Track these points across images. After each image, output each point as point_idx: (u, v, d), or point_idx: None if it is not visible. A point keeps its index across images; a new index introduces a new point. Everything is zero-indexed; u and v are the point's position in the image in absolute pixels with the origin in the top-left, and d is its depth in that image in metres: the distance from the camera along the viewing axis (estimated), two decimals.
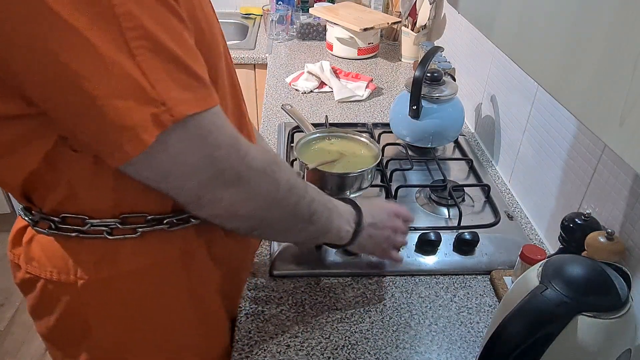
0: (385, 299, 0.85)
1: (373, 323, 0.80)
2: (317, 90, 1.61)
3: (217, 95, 0.53)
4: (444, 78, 1.19)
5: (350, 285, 0.87)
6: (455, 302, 0.85)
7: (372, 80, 1.64)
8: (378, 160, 1.00)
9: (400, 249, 0.88)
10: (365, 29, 1.79)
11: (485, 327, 0.80)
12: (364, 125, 1.38)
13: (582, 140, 0.86)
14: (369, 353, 0.75)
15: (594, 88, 0.38)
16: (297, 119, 1.18)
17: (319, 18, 2.02)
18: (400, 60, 1.90)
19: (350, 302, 0.84)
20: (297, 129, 1.29)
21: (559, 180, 0.93)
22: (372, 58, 1.91)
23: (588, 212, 0.78)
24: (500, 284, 0.86)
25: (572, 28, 0.41)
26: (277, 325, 0.79)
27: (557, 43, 0.43)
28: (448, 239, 0.95)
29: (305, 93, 1.60)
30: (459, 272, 0.91)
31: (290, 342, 0.77)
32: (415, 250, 0.93)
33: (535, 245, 0.84)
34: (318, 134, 1.08)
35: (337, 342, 0.77)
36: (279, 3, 2.08)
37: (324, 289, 0.86)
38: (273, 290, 0.86)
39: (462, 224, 0.99)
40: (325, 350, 0.75)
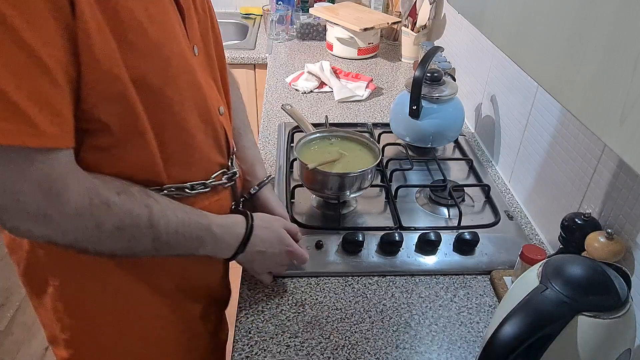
0: (385, 299, 0.85)
1: (373, 323, 0.80)
2: (317, 90, 1.61)
3: (59, 137, 0.54)
4: (444, 78, 1.19)
5: (350, 285, 0.87)
6: (455, 302, 0.85)
7: (372, 80, 1.64)
8: (378, 160, 1.00)
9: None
10: (365, 29, 1.79)
11: (485, 327, 0.80)
12: (364, 125, 1.38)
13: (582, 140, 0.86)
14: (369, 353, 0.75)
15: (594, 88, 0.38)
16: (297, 119, 1.18)
17: (319, 18, 2.02)
18: (400, 60, 1.90)
19: (350, 302, 0.84)
20: (297, 129, 1.29)
21: (559, 180, 0.93)
22: (372, 58, 1.91)
23: (588, 212, 0.78)
24: (500, 284, 0.86)
25: (572, 28, 0.41)
26: (277, 325, 0.79)
27: (557, 43, 0.43)
28: (448, 239, 0.95)
29: (305, 93, 1.60)
30: (459, 272, 0.91)
31: (290, 342, 0.77)
32: (415, 250, 0.93)
33: (535, 245, 0.84)
34: (318, 134, 1.08)
35: (337, 342, 0.77)
36: (279, 3, 2.08)
37: (324, 289, 0.86)
38: (273, 290, 0.86)
39: (462, 224, 0.99)
40: (325, 350, 0.75)
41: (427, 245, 0.93)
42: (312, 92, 1.61)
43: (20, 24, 0.47)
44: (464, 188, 1.10)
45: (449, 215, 1.04)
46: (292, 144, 1.22)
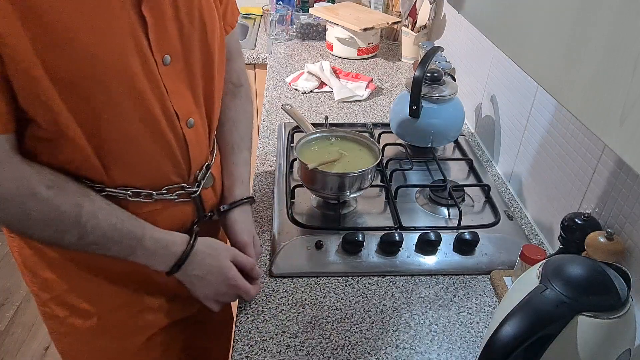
0: (385, 299, 0.85)
1: (373, 323, 0.80)
2: (317, 90, 1.61)
3: None
4: (444, 78, 1.19)
5: (350, 285, 0.87)
6: (455, 302, 0.85)
7: (372, 80, 1.64)
8: (378, 160, 1.00)
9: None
10: (365, 29, 1.79)
11: (485, 327, 0.80)
12: (364, 125, 1.38)
13: (582, 140, 0.86)
14: (369, 353, 0.75)
15: (594, 88, 0.38)
16: (297, 119, 1.18)
17: (319, 18, 2.02)
18: (400, 60, 1.90)
19: (350, 302, 0.84)
20: (297, 129, 1.29)
21: (559, 180, 0.93)
22: (372, 58, 1.91)
23: (588, 212, 0.78)
24: (500, 284, 0.86)
25: (572, 28, 0.41)
26: (277, 325, 0.79)
27: (557, 43, 0.43)
28: (448, 239, 0.95)
29: (305, 93, 1.60)
30: (459, 272, 0.91)
31: (290, 342, 0.77)
32: (415, 250, 0.93)
33: (535, 245, 0.84)
34: (318, 134, 1.08)
35: (337, 342, 0.77)
36: (279, 3, 2.08)
37: (324, 289, 0.86)
38: (273, 290, 0.86)
39: (462, 224, 0.99)
40: (325, 350, 0.75)
41: (427, 245, 0.93)
42: (312, 92, 1.61)
43: None
44: (464, 188, 1.10)
45: (449, 215, 1.04)
46: (292, 144, 1.22)
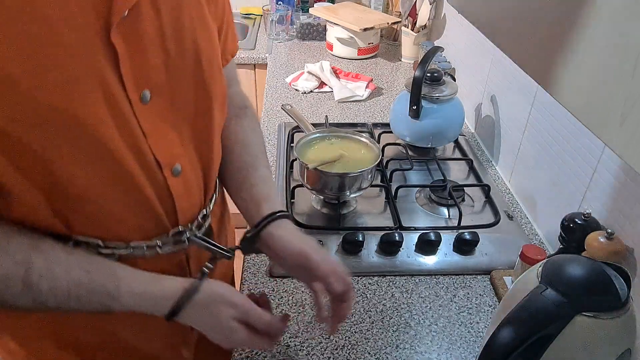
0: (385, 299, 0.85)
1: (373, 323, 0.80)
2: (317, 90, 1.61)
3: None
4: (444, 78, 1.20)
5: None
6: (455, 302, 0.85)
7: (372, 80, 1.64)
8: (378, 160, 1.00)
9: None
10: (365, 29, 1.79)
11: (485, 327, 0.80)
12: (364, 125, 1.38)
13: (582, 140, 0.86)
14: (369, 353, 0.75)
15: (594, 88, 0.38)
16: (297, 119, 1.18)
17: (319, 18, 2.02)
18: (400, 60, 1.90)
19: None
20: (297, 129, 1.29)
21: (559, 180, 0.93)
22: (372, 58, 1.91)
23: (588, 212, 0.78)
24: (500, 284, 0.86)
25: (572, 28, 0.41)
26: None
27: (557, 43, 0.43)
28: (448, 239, 0.95)
29: (305, 93, 1.60)
30: (459, 272, 0.91)
31: (290, 342, 0.77)
32: (415, 251, 0.93)
33: (535, 245, 0.84)
34: (318, 134, 1.08)
35: (337, 342, 0.77)
36: (279, 3, 2.08)
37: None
38: (273, 290, 0.86)
39: (462, 224, 0.99)
40: (325, 351, 0.75)
41: (427, 245, 0.93)
42: (312, 92, 1.61)
43: None
44: (464, 188, 1.10)
45: (449, 215, 1.04)
46: (292, 144, 1.22)
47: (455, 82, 1.26)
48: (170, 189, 0.61)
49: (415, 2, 1.80)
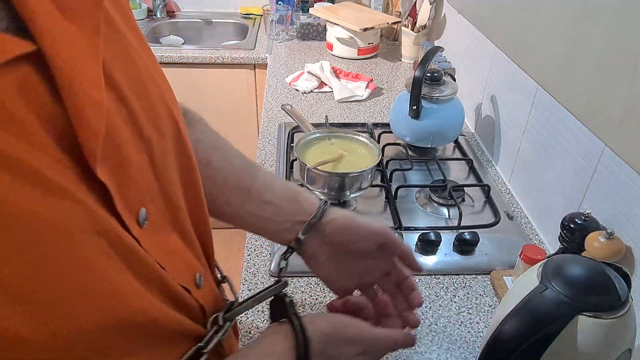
0: None
1: None
2: (317, 90, 1.61)
3: None
4: (444, 78, 1.20)
5: None
6: (455, 302, 0.85)
7: (372, 80, 1.64)
8: (378, 160, 1.00)
9: None
10: (365, 29, 1.79)
11: (485, 327, 0.80)
12: (364, 125, 1.38)
13: (582, 140, 0.86)
14: None
15: (594, 88, 0.38)
16: (297, 119, 1.18)
17: (319, 18, 2.02)
18: (400, 60, 1.90)
19: None
20: (297, 129, 1.29)
21: (559, 180, 0.93)
22: (372, 58, 1.91)
23: (588, 212, 0.78)
24: (500, 284, 0.86)
25: (572, 29, 0.41)
26: None
27: (557, 44, 0.43)
28: (448, 239, 0.95)
29: (305, 93, 1.60)
30: (459, 272, 0.91)
31: None
32: (415, 250, 0.93)
33: (535, 245, 0.84)
34: (318, 134, 1.08)
35: None
36: (279, 3, 2.08)
37: (324, 289, 0.86)
38: None
39: (462, 224, 0.99)
40: None
41: (427, 245, 0.93)
42: (312, 92, 1.61)
43: None
44: (464, 188, 1.10)
45: (449, 215, 1.04)
46: (292, 144, 1.22)
47: (455, 82, 1.26)
48: (198, 298, 0.45)
49: (415, 2, 1.80)
